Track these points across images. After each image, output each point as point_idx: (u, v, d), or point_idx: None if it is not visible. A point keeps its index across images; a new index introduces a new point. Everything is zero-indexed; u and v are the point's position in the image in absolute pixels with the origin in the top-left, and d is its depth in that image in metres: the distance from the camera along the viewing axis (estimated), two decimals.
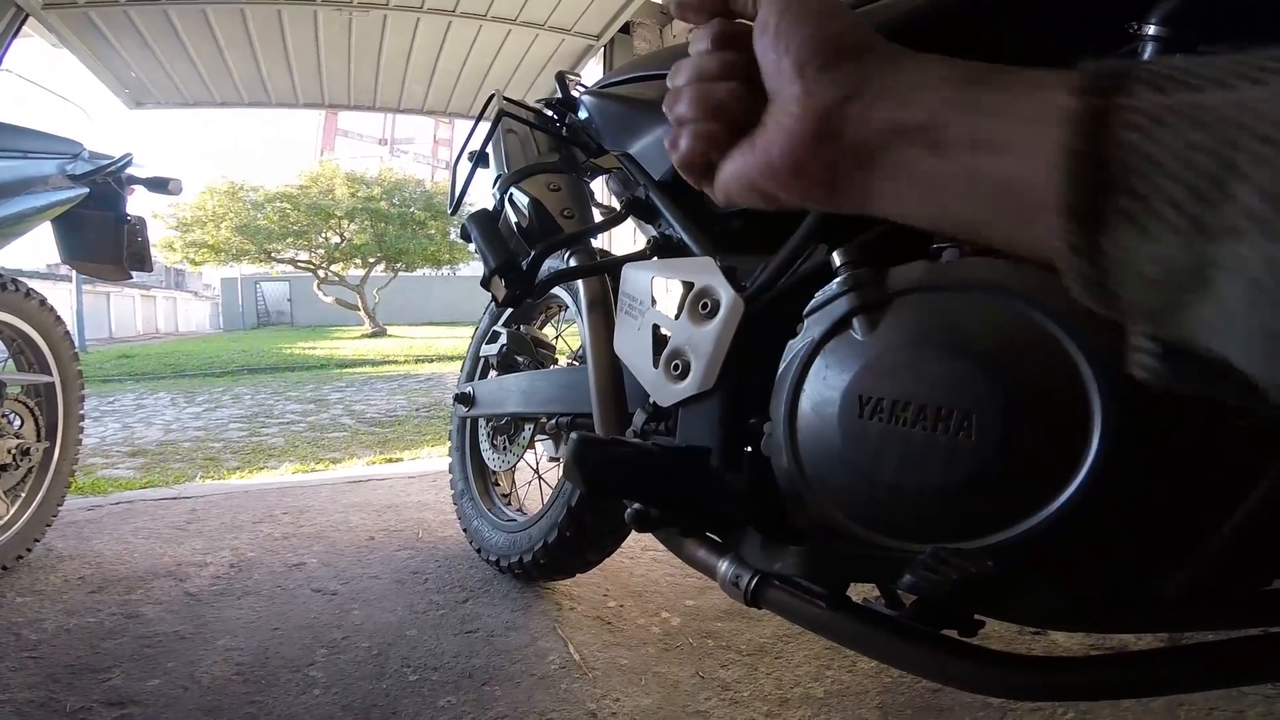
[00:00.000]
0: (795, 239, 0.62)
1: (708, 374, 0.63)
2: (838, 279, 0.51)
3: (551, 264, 1.13)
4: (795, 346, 0.53)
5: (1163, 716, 0.98)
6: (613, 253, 1.31)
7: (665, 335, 0.72)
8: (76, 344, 1.76)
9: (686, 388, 0.66)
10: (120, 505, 2.05)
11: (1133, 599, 0.45)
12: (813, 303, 0.53)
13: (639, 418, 0.76)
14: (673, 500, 0.56)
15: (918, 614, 0.54)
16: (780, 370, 0.54)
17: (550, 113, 1.25)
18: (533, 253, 0.90)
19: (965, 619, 0.54)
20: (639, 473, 0.53)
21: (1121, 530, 0.42)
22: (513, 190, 1.03)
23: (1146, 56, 0.60)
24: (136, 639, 1.22)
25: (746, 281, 0.64)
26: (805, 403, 0.51)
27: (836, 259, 0.51)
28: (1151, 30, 0.59)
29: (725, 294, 0.63)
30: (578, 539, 1.24)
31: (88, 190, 1.65)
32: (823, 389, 0.50)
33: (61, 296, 14.21)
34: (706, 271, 0.65)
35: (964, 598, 0.43)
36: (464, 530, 1.58)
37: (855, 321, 0.49)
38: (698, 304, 0.65)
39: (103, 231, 1.74)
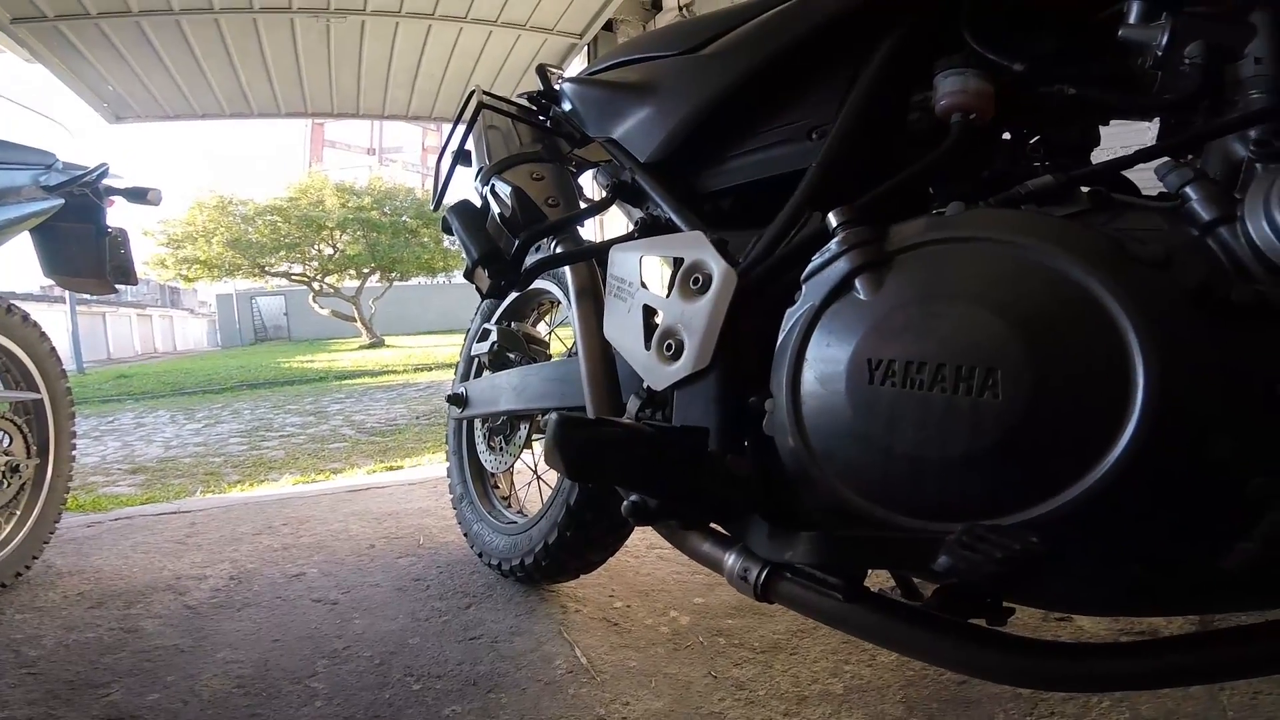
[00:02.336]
0: (788, 208, 0.59)
1: (702, 352, 0.60)
2: (835, 239, 0.48)
3: (539, 255, 1.11)
4: (794, 314, 0.50)
5: (1204, 702, 0.94)
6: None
7: (657, 316, 0.69)
8: (73, 365, 1.74)
9: (680, 368, 0.63)
10: (119, 521, 2.04)
11: (1190, 576, 0.42)
12: (810, 266, 0.50)
13: (633, 404, 0.73)
14: (668, 487, 0.52)
15: (943, 602, 0.51)
16: (780, 341, 0.51)
17: (534, 106, 1.22)
18: (517, 242, 0.87)
19: (994, 606, 0.50)
20: (629, 455, 0.49)
21: (1177, 497, 0.39)
22: (495, 181, 1.00)
23: (1132, 18, 0.58)
24: (136, 653, 1.20)
25: (740, 256, 0.61)
26: (809, 374, 0.47)
27: (833, 219, 0.48)
28: None
29: (717, 267, 0.60)
30: (579, 538, 1.21)
31: (63, 201, 1.62)
32: (827, 357, 0.46)
33: (57, 319, 14.16)
34: (697, 246, 0.62)
35: (1008, 579, 0.40)
36: (465, 535, 1.55)
37: (857, 282, 0.46)
38: (689, 280, 0.62)
39: (84, 244, 1.71)
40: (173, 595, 1.45)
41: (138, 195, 1.72)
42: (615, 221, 3.14)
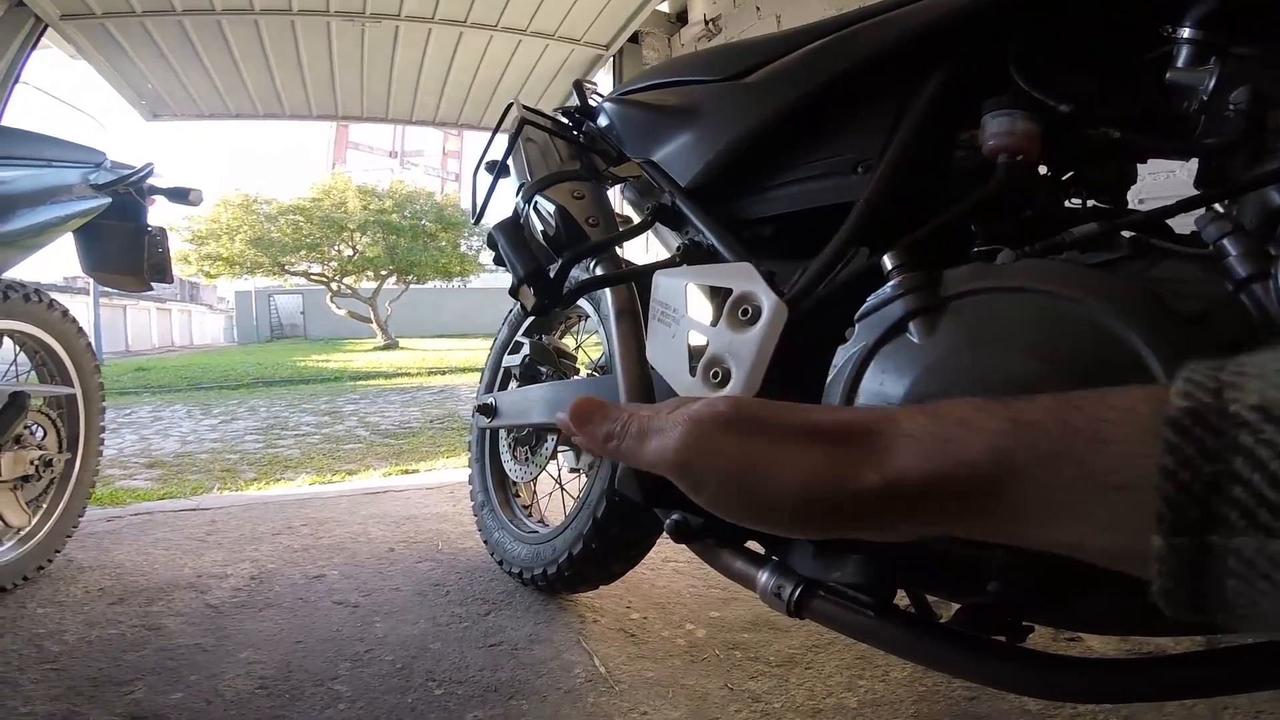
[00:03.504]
0: (835, 242, 0.60)
1: (750, 381, 0.61)
2: (891, 282, 0.50)
3: (575, 272, 1.13)
4: (848, 351, 0.51)
5: (1206, 718, 0.95)
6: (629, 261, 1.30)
7: (701, 343, 0.70)
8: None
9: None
10: (140, 516, 2.07)
11: None
12: (865, 307, 0.52)
13: None
14: None
15: (968, 620, 0.53)
16: (831, 376, 0.52)
17: (568, 121, 1.24)
18: (560, 261, 0.89)
19: (1015, 625, 0.53)
20: None
21: None
22: (537, 198, 1.02)
23: (1181, 61, 0.59)
24: (158, 651, 1.22)
25: (785, 286, 0.62)
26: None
27: (888, 262, 0.50)
28: (1186, 34, 0.59)
29: (767, 299, 0.61)
30: (603, 550, 1.23)
31: (110, 200, 1.66)
32: (879, 394, 0.48)
33: (79, 309, 14.35)
34: (745, 277, 0.64)
35: (1048, 600, 0.42)
36: (485, 542, 1.56)
37: (912, 325, 0.48)
38: (737, 310, 0.64)
39: (124, 242, 1.75)
40: (194, 593, 1.47)
41: (179, 195, 1.76)
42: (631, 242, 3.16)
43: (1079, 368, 0.43)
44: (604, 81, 4.32)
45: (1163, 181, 1.75)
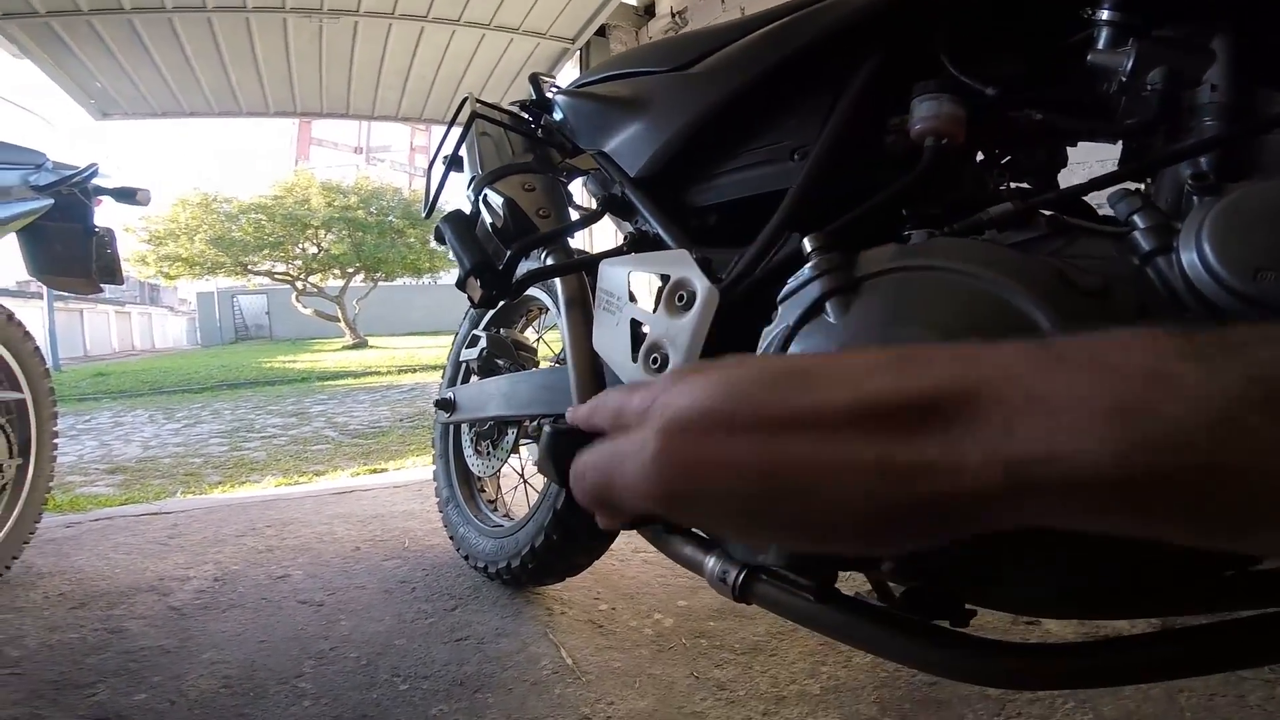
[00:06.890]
0: (769, 228, 0.62)
1: (686, 365, 0.62)
2: (809, 264, 0.51)
3: (529, 265, 1.13)
4: (770, 333, 0.53)
5: (1163, 704, 0.97)
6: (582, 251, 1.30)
7: (643, 330, 0.71)
8: (49, 363, 1.73)
9: None
10: (100, 522, 2.03)
11: (1121, 585, 0.45)
12: (785, 289, 0.53)
13: None
14: None
15: (908, 604, 0.54)
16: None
17: (525, 115, 1.24)
18: (509, 252, 0.90)
19: (957, 609, 0.53)
20: None
21: None
22: (487, 191, 1.02)
23: (1101, 44, 0.61)
24: (121, 654, 1.21)
25: (723, 273, 0.64)
26: None
27: (807, 245, 0.51)
28: (1105, 16, 0.61)
29: (700, 284, 0.62)
30: (565, 542, 1.24)
31: (52, 201, 1.62)
32: None
33: (33, 314, 13.91)
34: (682, 263, 0.65)
35: (944, 579, 0.43)
36: (451, 538, 1.56)
37: (828, 305, 0.50)
38: (674, 296, 0.65)
39: (70, 244, 1.71)
40: (156, 596, 1.45)
41: (126, 195, 1.72)
42: (601, 227, 3.16)
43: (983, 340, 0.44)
44: (572, 76, 4.28)
45: (1108, 166, 1.79)
